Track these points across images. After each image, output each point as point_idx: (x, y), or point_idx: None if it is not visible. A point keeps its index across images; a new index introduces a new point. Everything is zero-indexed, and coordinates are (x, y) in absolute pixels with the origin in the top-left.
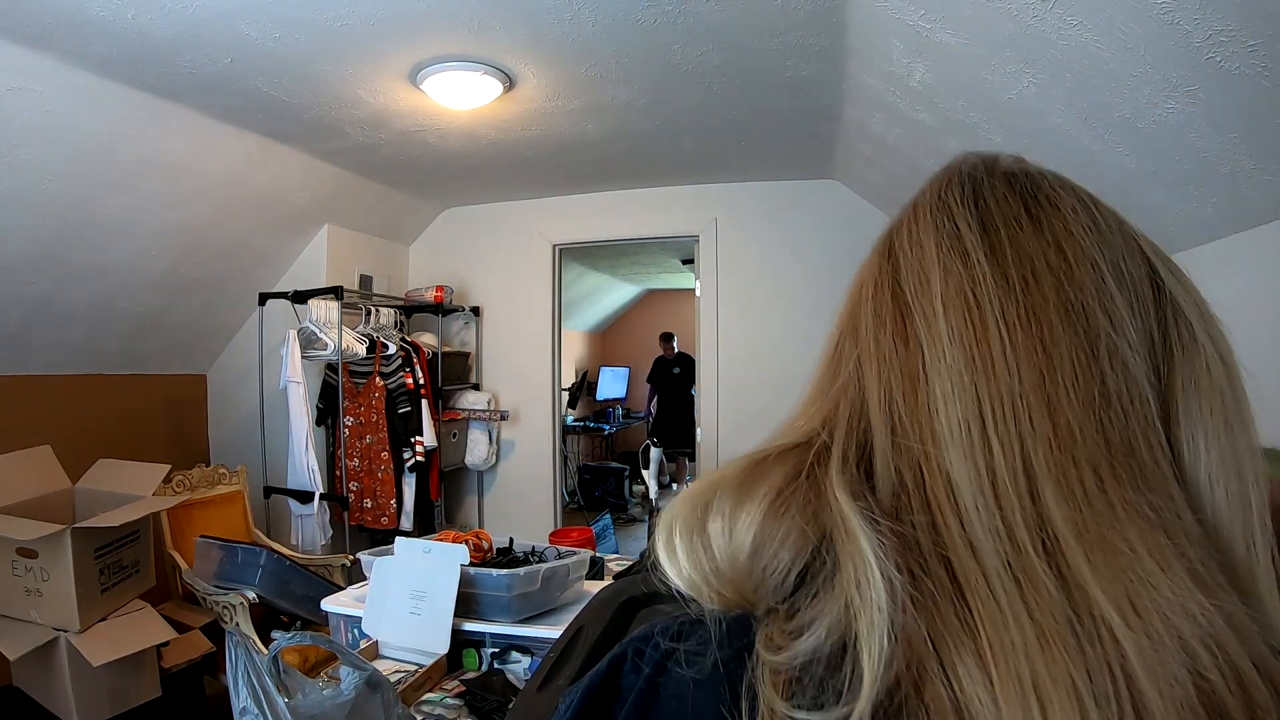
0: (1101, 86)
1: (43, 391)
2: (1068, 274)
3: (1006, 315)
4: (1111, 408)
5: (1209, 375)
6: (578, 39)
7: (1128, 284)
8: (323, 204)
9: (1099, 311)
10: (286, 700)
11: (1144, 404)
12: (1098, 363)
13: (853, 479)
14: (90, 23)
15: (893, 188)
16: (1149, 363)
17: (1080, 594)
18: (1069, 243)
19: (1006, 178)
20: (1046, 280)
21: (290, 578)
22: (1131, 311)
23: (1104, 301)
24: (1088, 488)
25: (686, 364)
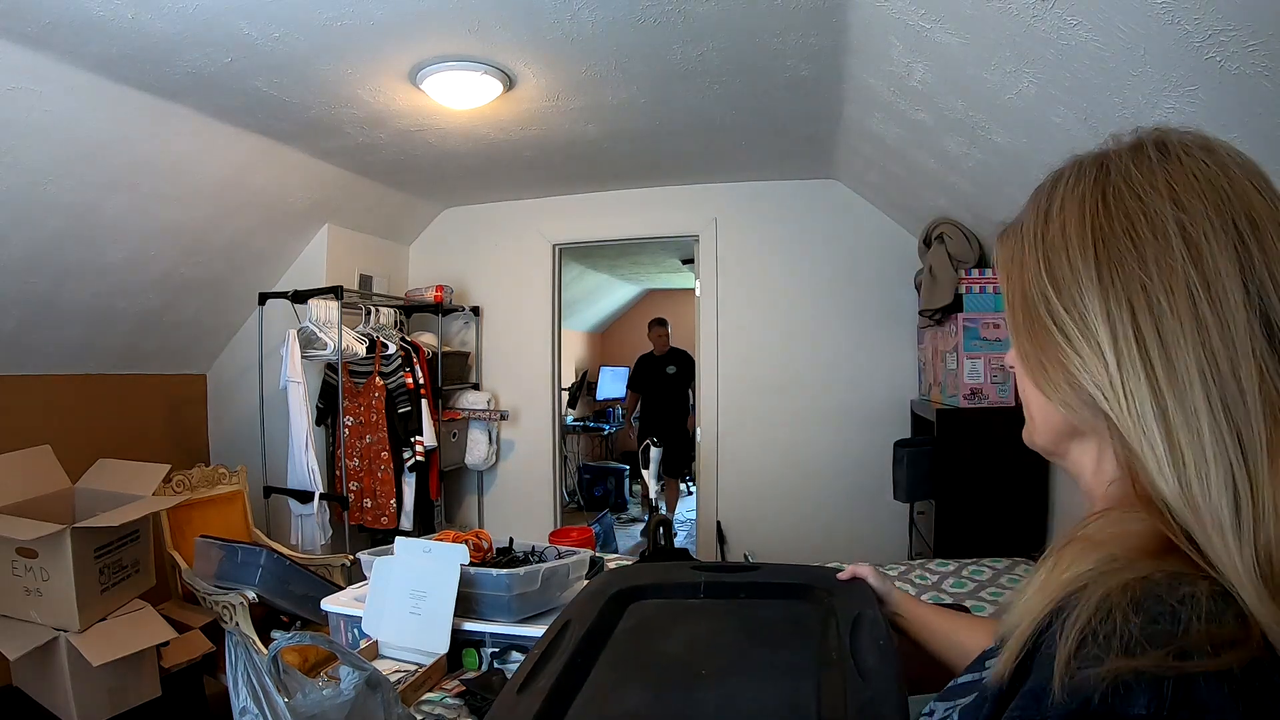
0: (1101, 86)
1: (43, 391)
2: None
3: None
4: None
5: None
6: (578, 39)
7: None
8: (323, 204)
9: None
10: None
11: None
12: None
13: None
14: (90, 23)
15: (893, 188)
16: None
17: None
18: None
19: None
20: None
21: (290, 577)
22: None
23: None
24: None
25: (684, 363)
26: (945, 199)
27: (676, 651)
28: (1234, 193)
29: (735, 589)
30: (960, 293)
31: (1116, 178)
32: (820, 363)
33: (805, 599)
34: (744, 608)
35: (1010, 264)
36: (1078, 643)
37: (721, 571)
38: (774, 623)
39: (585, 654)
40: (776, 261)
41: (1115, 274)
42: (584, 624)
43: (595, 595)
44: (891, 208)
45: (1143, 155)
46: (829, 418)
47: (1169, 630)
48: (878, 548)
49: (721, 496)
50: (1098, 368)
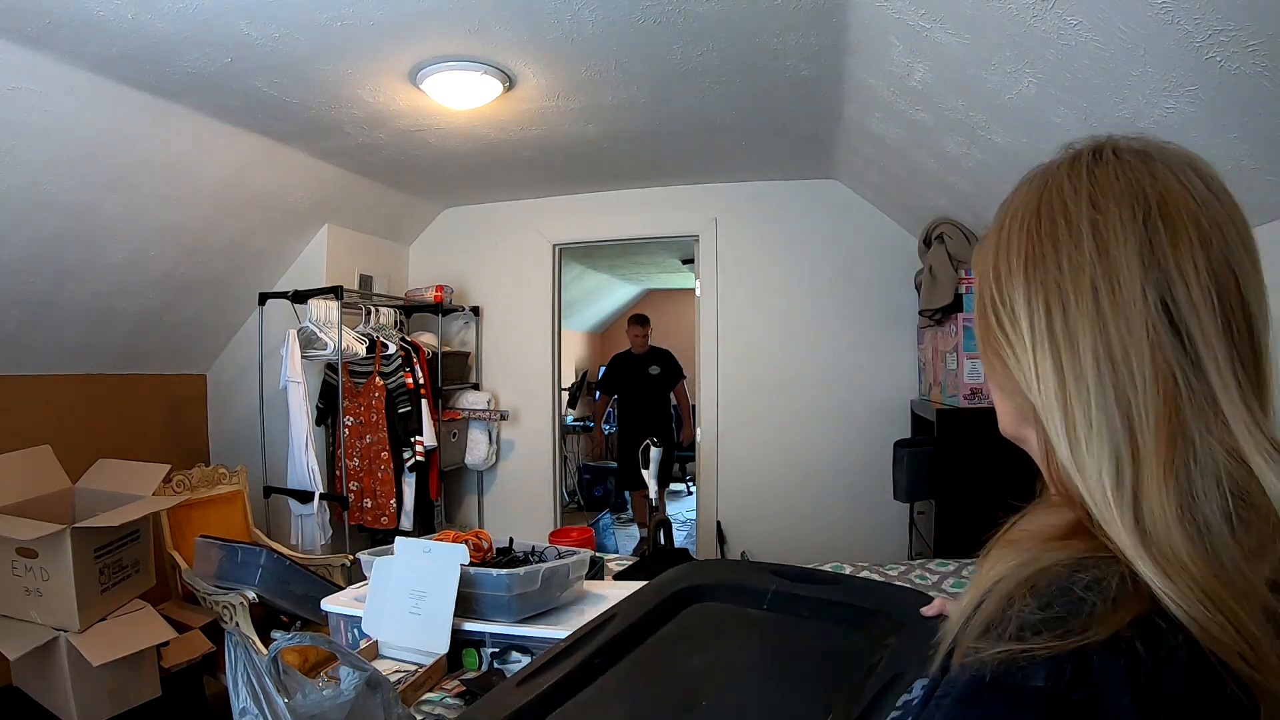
0: (1101, 86)
1: (43, 391)
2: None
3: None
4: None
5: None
6: (578, 39)
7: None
8: (323, 204)
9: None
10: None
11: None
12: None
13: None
14: (90, 23)
15: (893, 188)
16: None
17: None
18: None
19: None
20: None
21: (290, 578)
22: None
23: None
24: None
25: (667, 363)
26: (945, 199)
27: (695, 670)
28: (1152, 192)
29: (800, 604)
30: (960, 293)
31: (1051, 186)
32: (820, 363)
33: (868, 630)
34: (798, 630)
35: (976, 267)
36: (981, 629)
37: (797, 581)
38: (815, 654)
39: (609, 655)
40: (776, 261)
41: (1036, 271)
42: (626, 621)
43: (659, 590)
44: (891, 208)
45: (1078, 164)
46: (829, 418)
47: (1062, 614)
48: (878, 548)
49: (721, 496)
50: (1022, 355)
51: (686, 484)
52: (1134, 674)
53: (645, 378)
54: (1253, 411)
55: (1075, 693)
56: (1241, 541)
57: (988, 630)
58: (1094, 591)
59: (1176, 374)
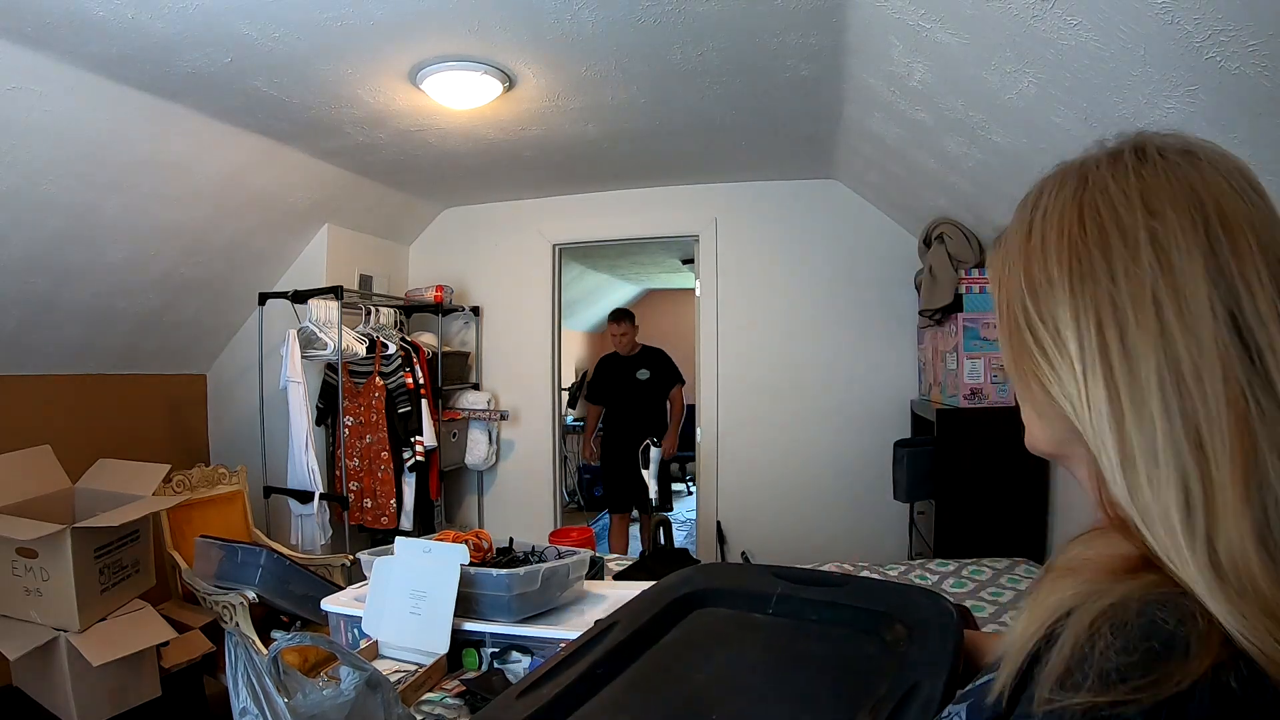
0: (1101, 86)
1: (43, 391)
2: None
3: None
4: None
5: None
6: (578, 39)
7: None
8: (323, 204)
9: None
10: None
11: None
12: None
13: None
14: (90, 23)
15: (893, 188)
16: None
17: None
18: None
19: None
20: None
21: (290, 578)
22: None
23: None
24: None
25: (659, 365)
26: (945, 199)
27: (703, 682)
28: (1207, 196)
29: (807, 608)
30: (960, 293)
31: (1093, 189)
32: (820, 363)
33: (879, 634)
34: (806, 635)
35: (997, 272)
36: (1062, 671)
37: (801, 584)
38: (826, 662)
39: (612, 664)
40: (776, 261)
41: (1085, 285)
42: (629, 628)
43: (662, 595)
44: (891, 208)
45: (1120, 164)
46: (829, 418)
47: (1148, 659)
48: (878, 548)
49: (721, 496)
50: (1068, 378)
51: (686, 484)
52: (1228, 715)
53: (632, 383)
54: None
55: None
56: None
57: (1068, 674)
58: (1180, 631)
59: (1247, 393)
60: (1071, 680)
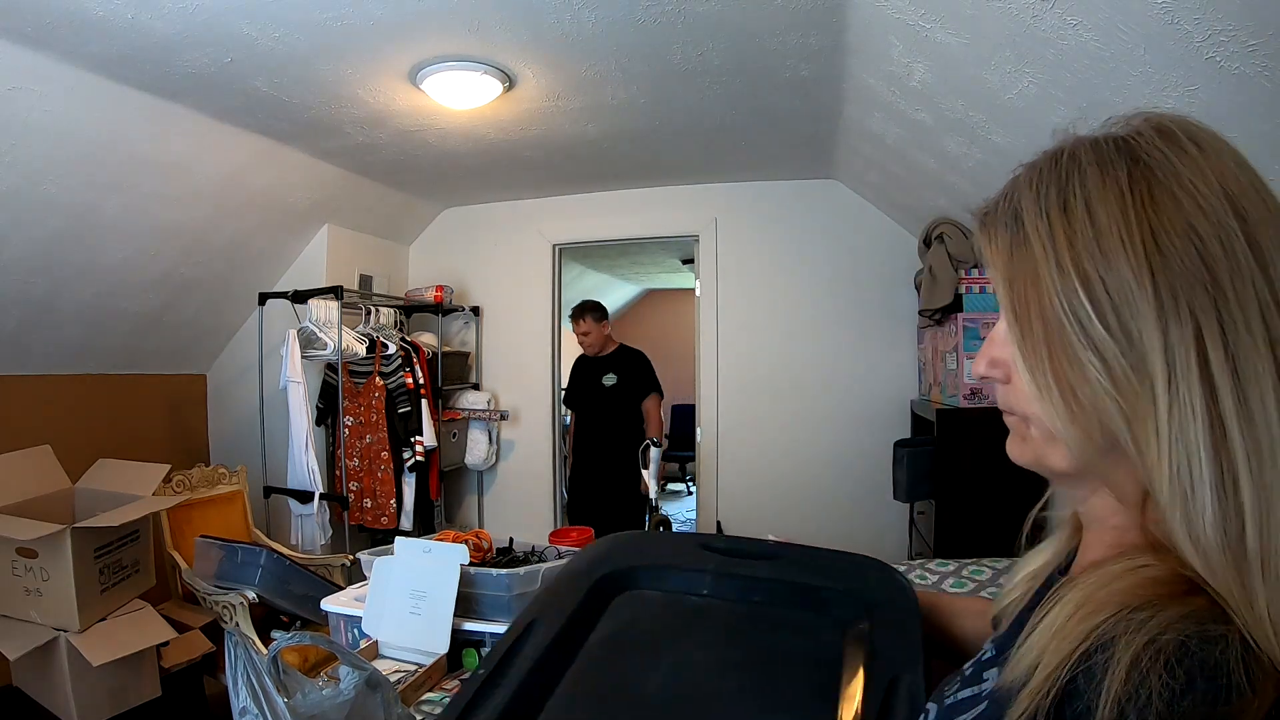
0: (1101, 86)
1: (43, 391)
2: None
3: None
4: None
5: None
6: (578, 39)
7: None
8: (323, 204)
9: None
10: (286, 700)
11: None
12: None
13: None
14: (90, 23)
15: (893, 188)
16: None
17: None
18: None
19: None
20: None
21: (290, 578)
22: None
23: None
24: None
25: (631, 368)
26: (945, 199)
27: (659, 688)
28: (1266, 190)
29: (750, 587)
30: (960, 293)
31: (1163, 174)
32: (820, 362)
33: (833, 613)
34: (756, 620)
35: (1011, 265)
36: (1115, 714)
37: (737, 558)
38: (790, 656)
39: (545, 674)
40: (776, 261)
41: (1177, 290)
42: (553, 627)
43: (577, 579)
44: (891, 208)
45: (1181, 147)
46: (829, 417)
47: (1209, 698)
48: (878, 548)
49: (721, 496)
50: (1138, 395)
51: (686, 484)
52: None
53: (597, 390)
54: None
55: None
56: None
57: (1122, 713)
58: (1236, 671)
59: None
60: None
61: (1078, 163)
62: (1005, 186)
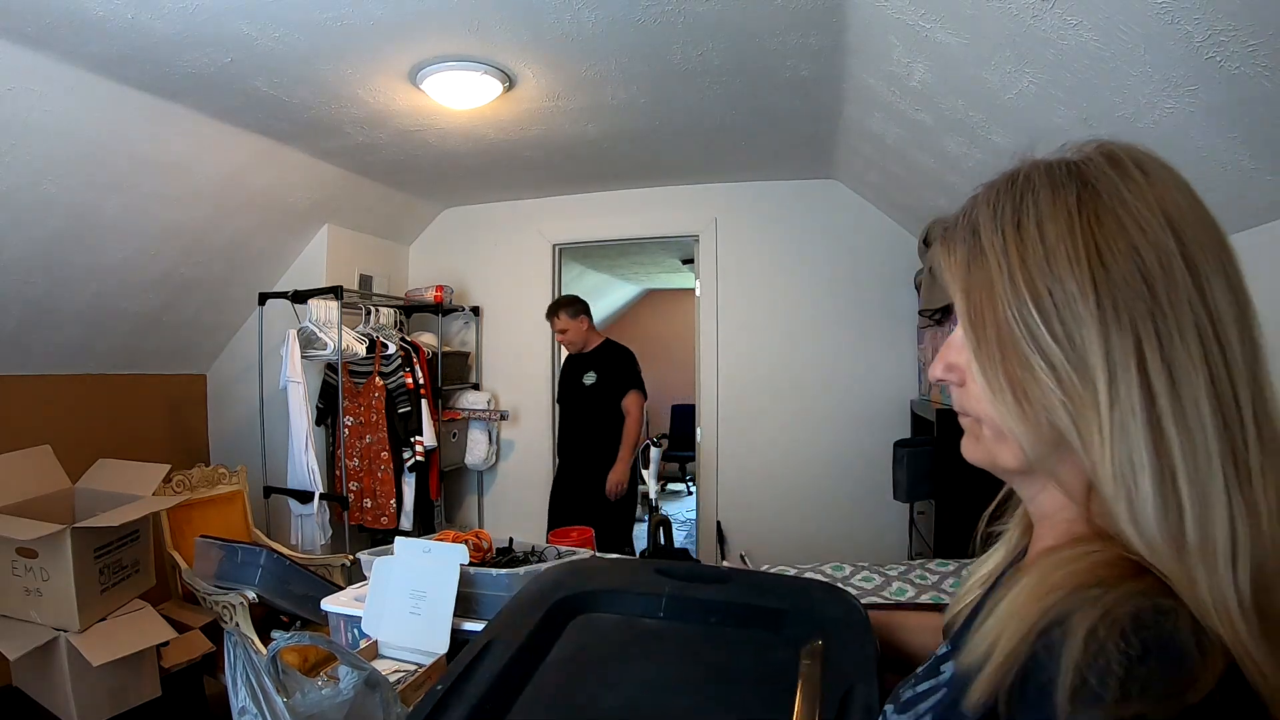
0: (1101, 86)
1: (43, 391)
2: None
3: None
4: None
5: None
6: (578, 39)
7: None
8: (323, 204)
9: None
10: (285, 700)
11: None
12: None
13: None
14: (90, 23)
15: (893, 188)
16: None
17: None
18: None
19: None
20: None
21: (290, 578)
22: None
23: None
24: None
25: (611, 366)
26: (945, 199)
27: (615, 707)
28: (1207, 215)
29: (704, 609)
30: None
31: (1109, 198)
32: (820, 362)
33: (786, 634)
34: (712, 640)
35: (969, 277)
36: (1076, 680)
37: (689, 581)
38: (745, 673)
39: (500, 695)
40: (776, 261)
41: (1119, 306)
42: (509, 647)
43: (533, 604)
44: (891, 208)
45: (1127, 174)
46: (829, 417)
47: (1161, 668)
48: (878, 548)
49: (721, 496)
50: (1083, 399)
51: (686, 484)
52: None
53: (578, 389)
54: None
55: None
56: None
57: (1083, 685)
58: (1190, 641)
59: (1264, 415)
60: (1089, 692)
61: (1032, 184)
62: (965, 204)
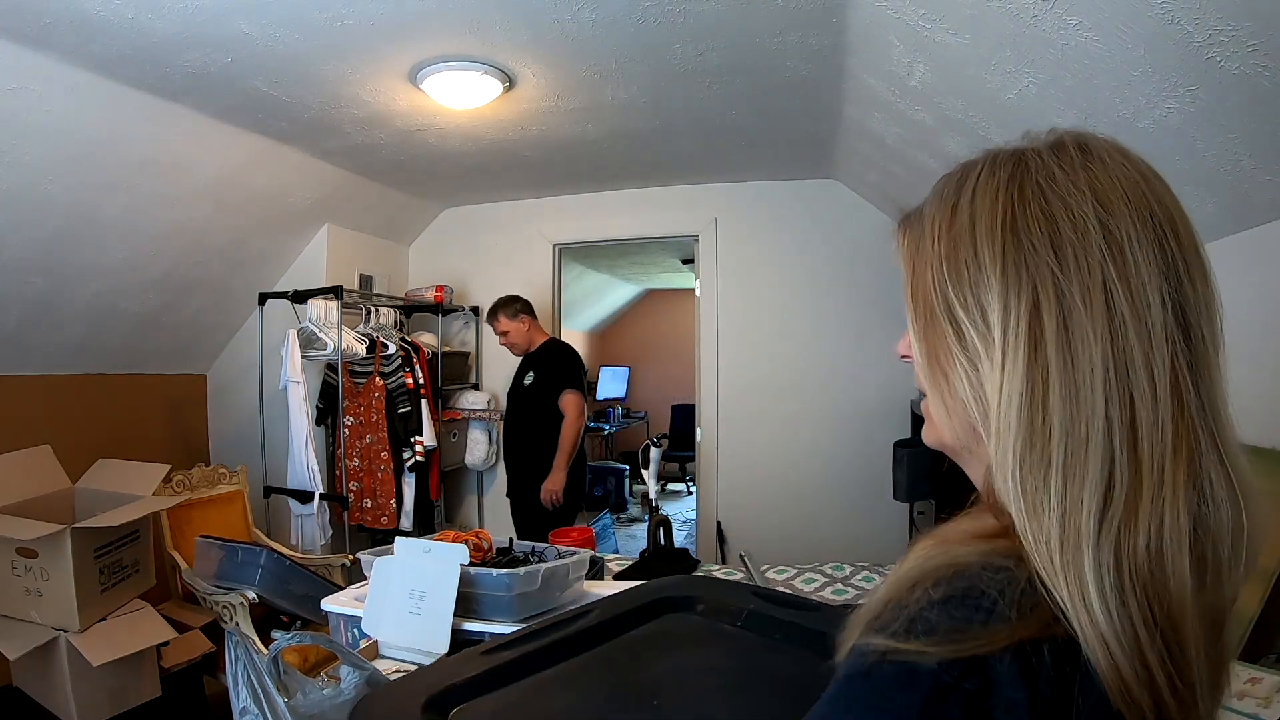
0: (1101, 86)
1: (43, 391)
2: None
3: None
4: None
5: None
6: (578, 39)
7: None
8: (323, 204)
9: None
10: (286, 700)
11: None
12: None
13: None
14: (90, 23)
15: (893, 188)
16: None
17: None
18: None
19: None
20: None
21: (290, 578)
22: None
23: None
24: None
25: (548, 365)
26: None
27: (655, 675)
28: (1154, 197)
29: (775, 626)
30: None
31: (1037, 174)
32: (820, 362)
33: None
34: (769, 651)
35: (912, 254)
36: (874, 613)
37: (775, 604)
38: (780, 678)
39: (575, 645)
40: (776, 261)
41: (1023, 267)
42: (601, 618)
43: (640, 594)
44: (892, 208)
45: (1065, 154)
46: (829, 417)
47: (962, 617)
48: (878, 548)
49: (721, 496)
50: (985, 368)
51: (686, 484)
52: (1030, 678)
53: (519, 390)
54: (1232, 430)
55: (968, 681)
56: (1202, 577)
57: (877, 618)
58: (1002, 599)
59: (1186, 387)
60: (879, 622)
61: (976, 170)
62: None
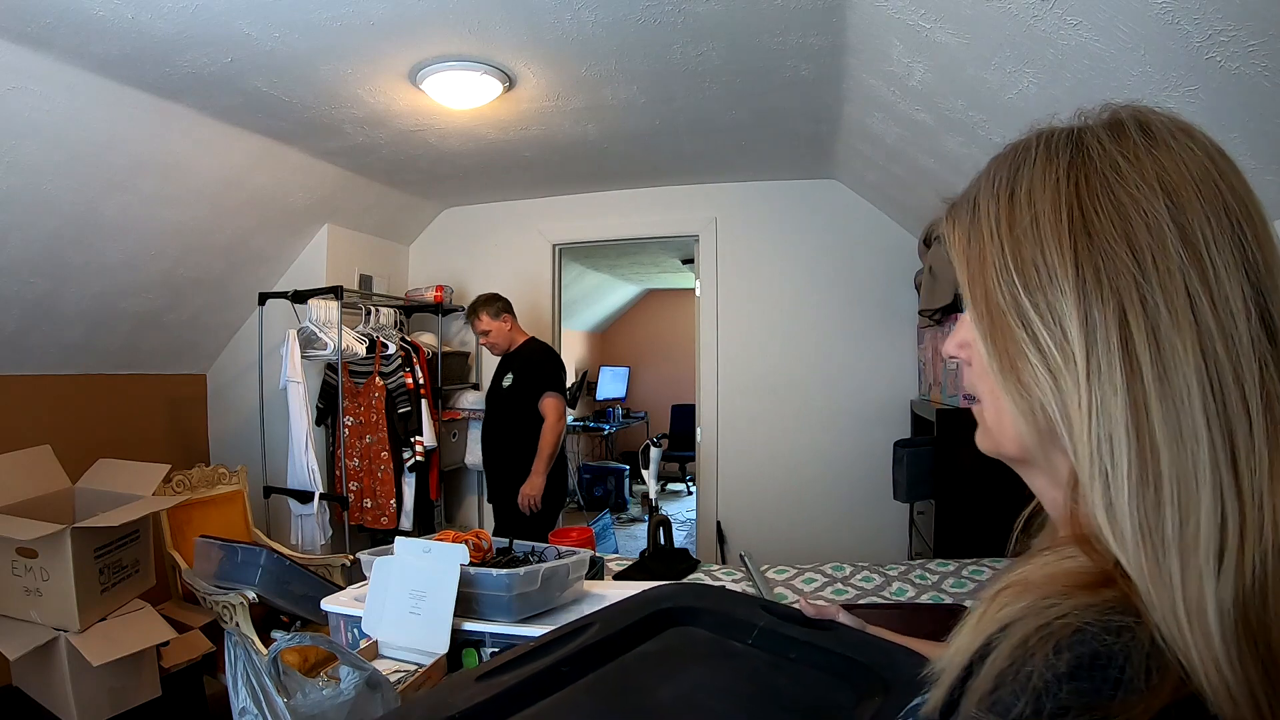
0: (1101, 86)
1: (43, 391)
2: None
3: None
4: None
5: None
6: (578, 39)
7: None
8: (322, 204)
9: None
10: (286, 700)
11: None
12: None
13: None
14: (90, 22)
15: (893, 188)
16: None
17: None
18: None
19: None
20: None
21: (290, 578)
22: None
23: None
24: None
25: (527, 366)
26: (945, 199)
27: (663, 699)
28: (1225, 185)
29: (788, 645)
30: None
31: (1101, 163)
32: (820, 362)
33: (854, 684)
34: (780, 672)
35: (968, 250)
36: (990, 687)
37: (786, 621)
38: (794, 704)
39: (578, 665)
40: (776, 261)
41: (1101, 273)
42: (604, 632)
43: (643, 605)
44: (891, 208)
45: (1126, 139)
46: (829, 417)
47: (1092, 689)
48: (878, 548)
49: (721, 496)
50: (1066, 380)
51: (686, 484)
52: None
53: (497, 392)
54: None
55: None
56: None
57: (996, 691)
58: (1129, 663)
59: (1277, 401)
60: (1000, 700)
61: (1030, 153)
62: (973, 179)
